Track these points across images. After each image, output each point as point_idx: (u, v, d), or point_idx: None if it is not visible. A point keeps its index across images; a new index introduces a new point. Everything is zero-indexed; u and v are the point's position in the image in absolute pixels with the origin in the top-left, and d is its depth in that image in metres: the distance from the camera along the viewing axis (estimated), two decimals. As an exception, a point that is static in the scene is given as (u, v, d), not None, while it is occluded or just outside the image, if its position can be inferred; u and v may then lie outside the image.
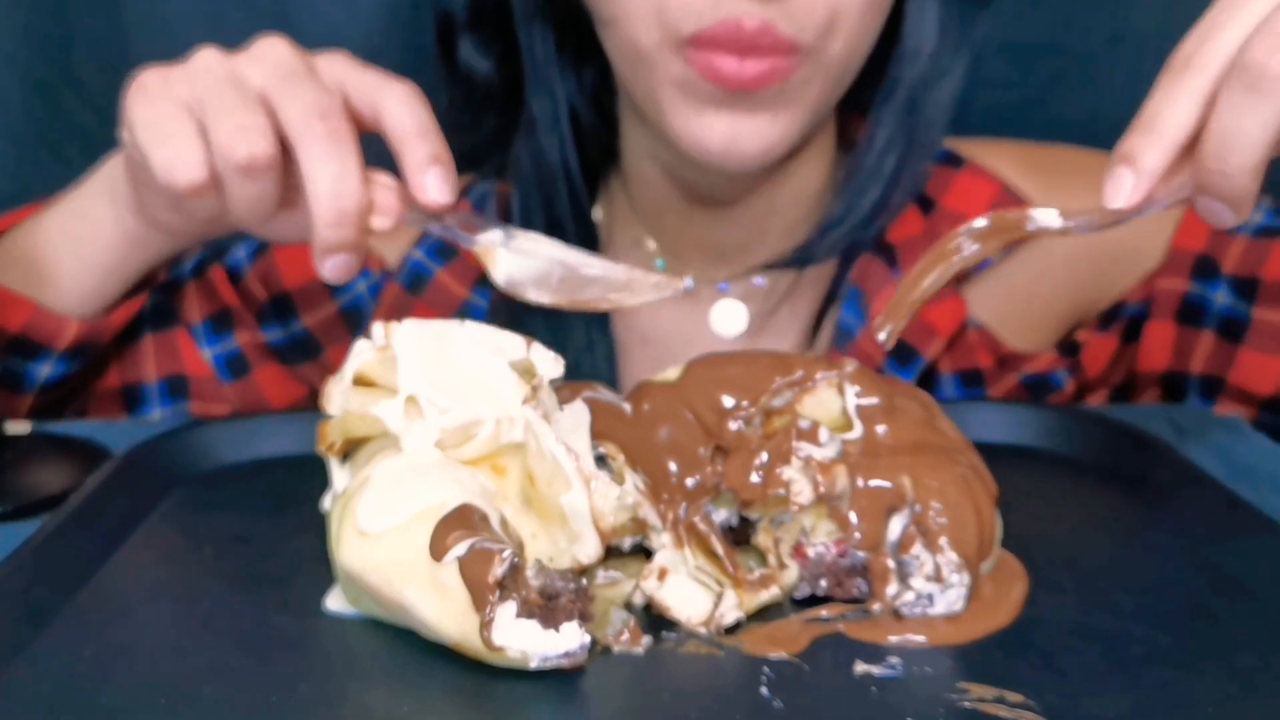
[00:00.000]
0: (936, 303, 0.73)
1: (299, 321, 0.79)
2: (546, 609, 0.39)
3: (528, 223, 0.74)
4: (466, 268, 0.78)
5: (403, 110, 0.52)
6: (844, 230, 0.72)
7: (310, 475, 0.48)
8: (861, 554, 0.45)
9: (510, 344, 0.45)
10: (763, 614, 0.45)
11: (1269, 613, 0.44)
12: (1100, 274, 0.74)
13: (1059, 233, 0.47)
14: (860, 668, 0.41)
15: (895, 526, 0.44)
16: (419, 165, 0.51)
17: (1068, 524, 0.53)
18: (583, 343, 0.75)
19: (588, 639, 0.40)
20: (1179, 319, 0.72)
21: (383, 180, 0.52)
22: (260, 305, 0.79)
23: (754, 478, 0.45)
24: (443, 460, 0.44)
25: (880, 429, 0.47)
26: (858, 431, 0.46)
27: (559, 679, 0.40)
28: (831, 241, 0.72)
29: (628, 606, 0.45)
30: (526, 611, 0.39)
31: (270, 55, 0.52)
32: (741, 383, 0.47)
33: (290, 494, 0.54)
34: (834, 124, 0.74)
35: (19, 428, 0.68)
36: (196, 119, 0.51)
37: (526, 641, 0.39)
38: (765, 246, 0.75)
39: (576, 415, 0.46)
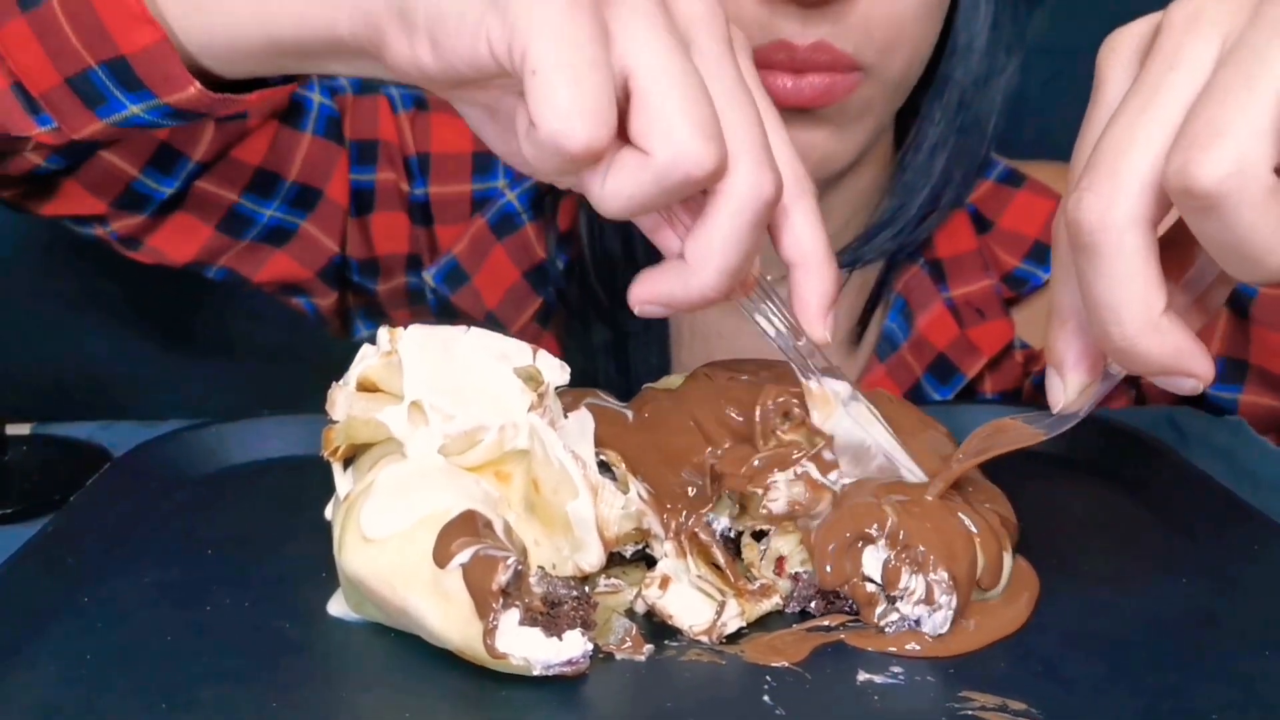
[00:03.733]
0: (983, 324, 0.73)
1: (424, 185, 0.77)
2: (549, 616, 0.39)
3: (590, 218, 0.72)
4: (552, 228, 0.77)
5: (815, 226, 0.44)
6: (894, 231, 0.71)
7: (312, 478, 0.48)
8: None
9: (515, 351, 0.45)
10: (764, 623, 0.45)
11: (1271, 616, 0.44)
12: None
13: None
14: (862, 676, 0.41)
15: (874, 561, 0.43)
16: (822, 298, 0.44)
17: (1068, 526, 0.53)
18: (640, 325, 0.74)
19: (590, 646, 0.40)
20: None
21: None
22: (402, 154, 0.76)
23: (743, 469, 0.45)
24: (446, 466, 0.44)
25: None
26: None
27: (561, 686, 0.40)
28: (881, 242, 0.72)
29: (630, 614, 0.45)
30: (529, 619, 0.39)
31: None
32: (744, 392, 0.47)
33: (292, 497, 0.54)
34: (890, 128, 0.73)
35: (20, 429, 0.68)
36: (620, 63, 0.37)
37: (529, 649, 0.39)
38: None
39: (581, 422, 0.46)
